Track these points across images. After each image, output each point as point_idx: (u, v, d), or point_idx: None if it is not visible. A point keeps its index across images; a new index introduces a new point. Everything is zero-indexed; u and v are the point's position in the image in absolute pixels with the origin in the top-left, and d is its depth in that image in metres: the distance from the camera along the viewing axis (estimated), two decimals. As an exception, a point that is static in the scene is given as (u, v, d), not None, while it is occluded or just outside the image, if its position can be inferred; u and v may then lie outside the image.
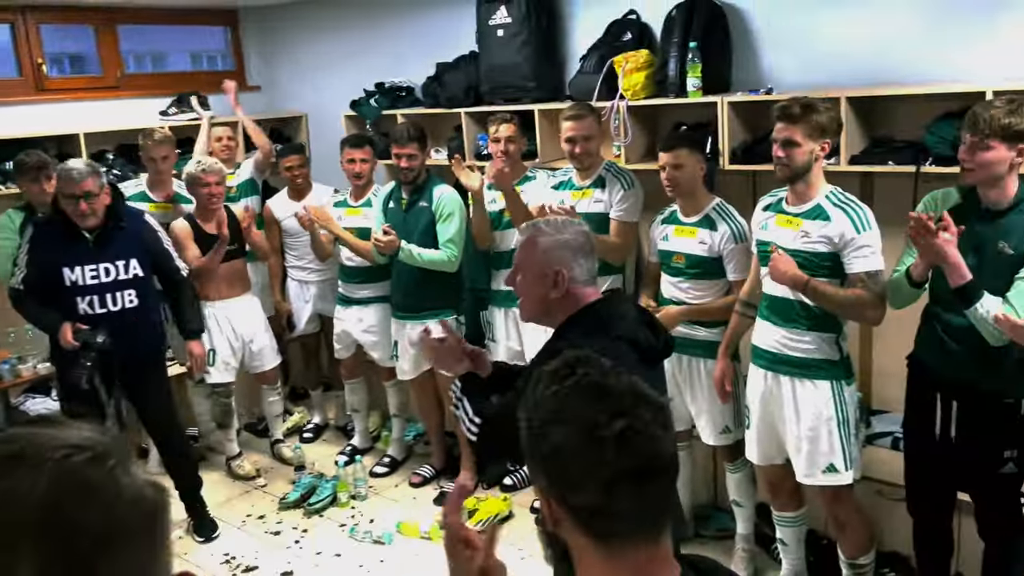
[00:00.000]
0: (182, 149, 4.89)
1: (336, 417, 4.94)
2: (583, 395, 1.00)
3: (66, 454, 0.70)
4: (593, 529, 0.99)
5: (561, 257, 1.91)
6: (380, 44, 4.86)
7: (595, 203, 3.41)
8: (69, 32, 4.98)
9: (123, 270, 3.41)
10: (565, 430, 0.98)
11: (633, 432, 0.97)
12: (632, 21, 3.76)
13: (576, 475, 0.98)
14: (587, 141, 3.34)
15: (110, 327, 3.32)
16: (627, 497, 0.97)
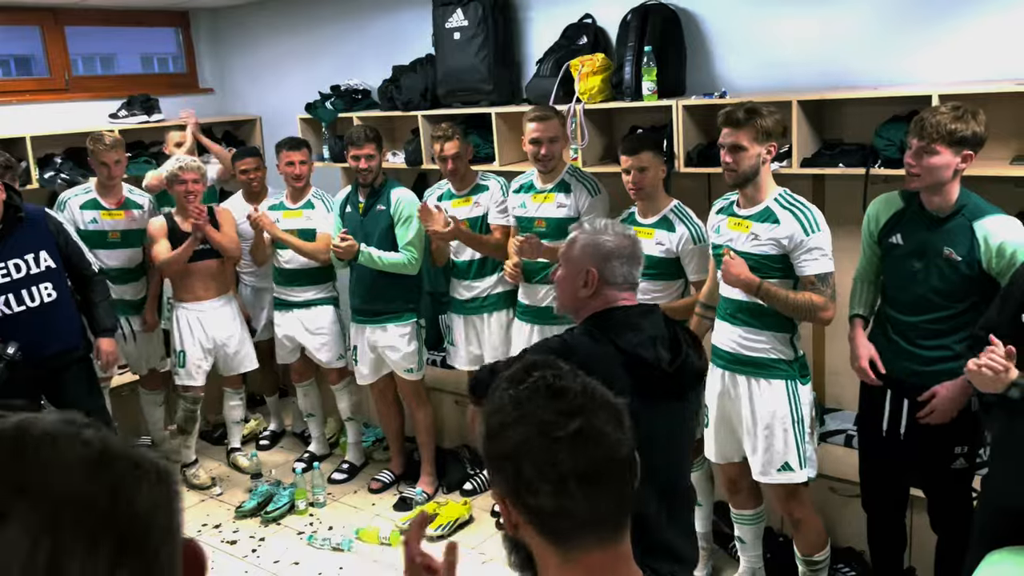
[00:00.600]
0: (132, 153, 4.81)
1: (293, 423, 4.88)
2: (538, 397, 1.00)
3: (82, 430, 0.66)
4: (548, 530, 0.99)
5: (595, 256, 1.95)
6: (335, 46, 4.83)
7: (559, 208, 3.41)
8: (15, 33, 4.85)
9: (34, 264, 3.29)
10: (520, 431, 0.98)
11: (586, 433, 0.97)
12: (588, 25, 3.78)
13: (530, 476, 0.97)
14: (552, 143, 3.34)
15: (30, 324, 3.22)
16: (580, 498, 0.97)
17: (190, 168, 3.97)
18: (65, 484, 0.60)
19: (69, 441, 0.63)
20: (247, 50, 5.30)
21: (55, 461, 0.61)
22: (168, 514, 0.65)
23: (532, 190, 3.51)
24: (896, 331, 2.62)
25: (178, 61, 5.53)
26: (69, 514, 0.59)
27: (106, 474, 0.62)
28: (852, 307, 2.78)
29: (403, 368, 3.95)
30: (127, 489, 0.62)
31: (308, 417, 4.52)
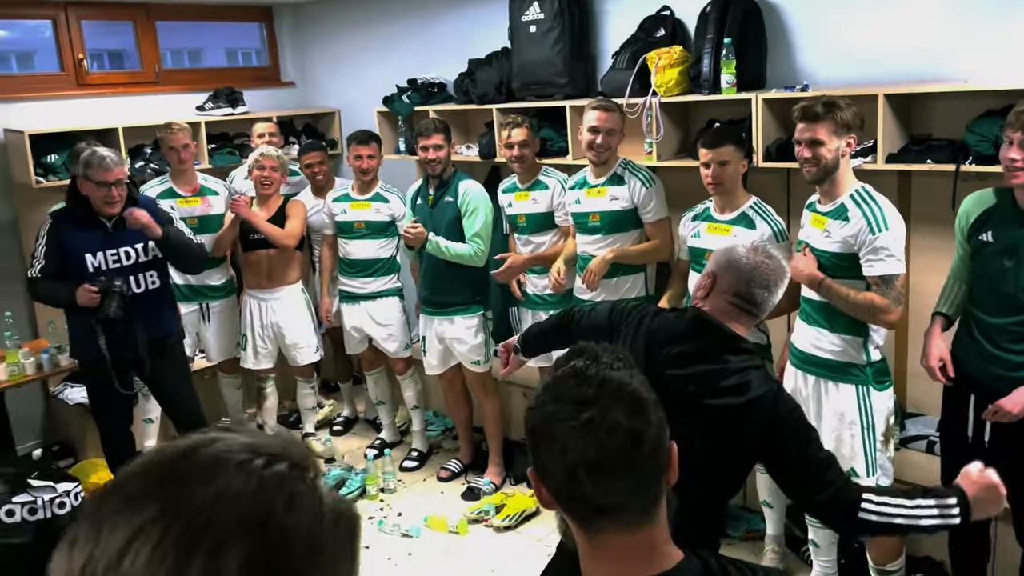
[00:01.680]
0: (216, 144, 4.97)
1: (365, 410, 4.98)
2: (563, 383, 1.03)
3: (268, 461, 0.64)
4: (571, 512, 1.02)
5: (720, 263, 1.97)
6: (413, 40, 4.89)
7: (612, 201, 3.42)
8: (109, 28, 5.06)
9: (142, 252, 3.48)
10: (540, 414, 1.02)
11: (597, 423, 0.97)
12: (666, 17, 3.74)
13: (545, 460, 1.01)
14: (610, 135, 3.35)
15: (135, 308, 3.41)
16: (591, 486, 0.98)
17: (269, 155, 4.14)
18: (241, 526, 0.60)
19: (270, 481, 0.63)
20: (327, 44, 5.41)
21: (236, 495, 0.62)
22: (340, 561, 0.65)
23: (586, 185, 3.51)
24: (981, 333, 2.52)
25: (261, 55, 5.68)
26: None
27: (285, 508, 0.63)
28: (937, 304, 2.69)
29: (470, 360, 3.99)
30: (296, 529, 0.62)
31: (379, 404, 4.61)
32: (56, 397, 4.50)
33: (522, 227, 3.87)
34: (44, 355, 3.95)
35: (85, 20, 4.73)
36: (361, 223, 4.17)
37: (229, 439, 0.66)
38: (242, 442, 0.66)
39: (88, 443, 4.33)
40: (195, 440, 0.66)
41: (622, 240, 3.43)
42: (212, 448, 0.64)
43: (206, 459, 0.64)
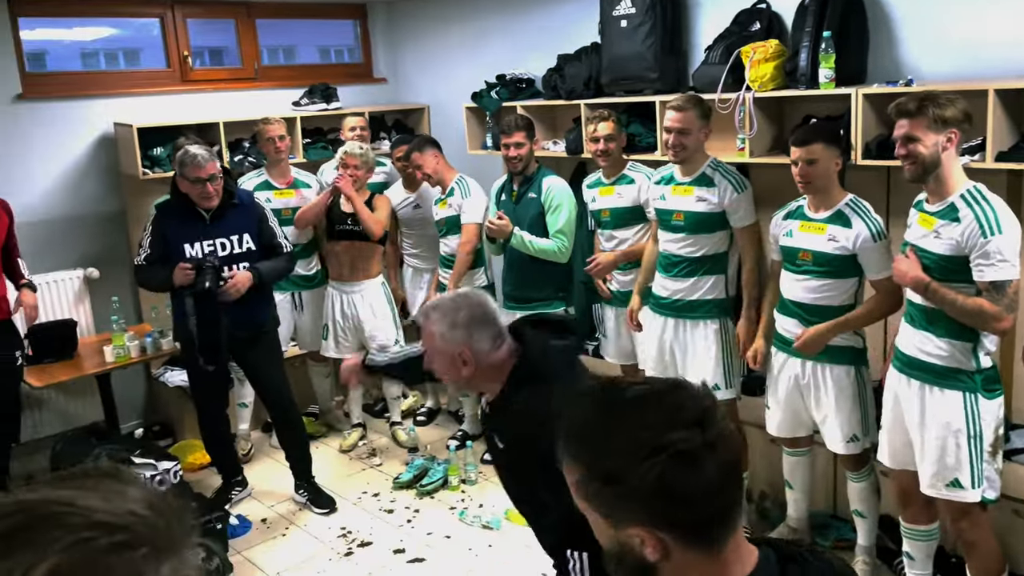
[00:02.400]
0: (311, 139, 5.11)
1: (448, 402, 5.05)
2: (658, 418, 0.98)
3: (88, 537, 0.60)
4: (699, 538, 0.99)
5: (459, 337, 1.94)
6: (503, 36, 4.91)
7: (699, 201, 3.32)
8: (210, 26, 5.26)
9: (237, 244, 3.62)
10: (660, 459, 0.95)
11: (719, 439, 0.98)
12: (762, 11, 3.65)
13: (685, 496, 0.96)
14: (681, 135, 3.25)
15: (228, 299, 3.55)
16: (727, 500, 1.00)
17: (353, 153, 4.24)
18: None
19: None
20: (419, 41, 5.49)
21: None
22: None
23: (672, 182, 3.43)
24: None
25: (353, 52, 5.81)
26: None
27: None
28: None
29: (551, 355, 3.99)
30: None
31: (463, 396, 4.66)
32: (157, 379, 4.71)
33: (605, 222, 3.84)
34: (148, 339, 4.15)
35: (190, 18, 4.93)
36: (443, 220, 4.24)
37: (60, 505, 0.63)
38: (79, 508, 0.63)
39: (186, 424, 4.53)
40: (25, 502, 0.63)
41: (704, 241, 3.34)
42: (21, 519, 0.62)
43: (14, 528, 0.61)
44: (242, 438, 4.52)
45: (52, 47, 4.80)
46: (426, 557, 3.54)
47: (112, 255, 4.70)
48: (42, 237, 4.42)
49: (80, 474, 0.70)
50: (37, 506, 0.63)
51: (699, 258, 3.36)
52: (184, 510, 0.69)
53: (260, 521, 3.90)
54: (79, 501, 0.64)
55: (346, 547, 3.65)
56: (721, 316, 3.41)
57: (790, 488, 3.36)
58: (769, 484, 3.61)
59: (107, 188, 4.70)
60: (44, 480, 0.70)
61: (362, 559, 3.56)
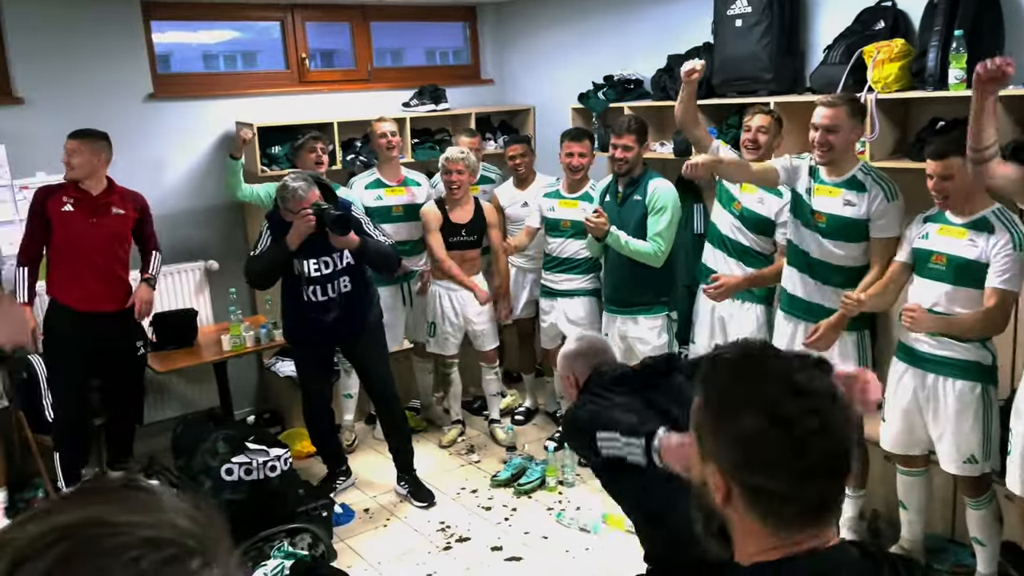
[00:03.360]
0: (419, 139, 5.21)
1: (546, 403, 5.06)
2: (778, 388, 1.03)
3: (138, 556, 0.59)
4: (769, 511, 1.04)
5: (571, 362, 2.53)
6: (611, 37, 4.88)
7: (846, 205, 3.14)
8: (324, 29, 5.43)
9: (339, 260, 3.73)
10: (759, 420, 1.02)
11: (826, 429, 1.01)
12: (887, 8, 3.50)
13: (767, 463, 1.02)
14: (829, 132, 3.08)
15: (328, 310, 3.71)
16: (814, 488, 1.02)
17: (455, 159, 4.29)
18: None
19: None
20: (526, 42, 5.52)
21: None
22: None
23: (818, 179, 3.24)
24: None
25: (460, 54, 5.89)
26: None
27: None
28: None
29: (652, 361, 3.94)
30: None
31: (562, 399, 4.65)
32: (268, 369, 4.90)
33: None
34: (262, 329, 4.32)
35: (309, 22, 5.10)
36: (567, 222, 4.22)
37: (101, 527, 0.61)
38: (123, 528, 0.61)
39: (295, 413, 4.69)
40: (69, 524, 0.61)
41: (844, 248, 3.17)
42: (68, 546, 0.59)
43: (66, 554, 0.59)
44: (346, 429, 4.65)
45: (176, 49, 5.06)
46: (523, 556, 3.56)
47: (230, 248, 4.92)
48: (166, 230, 4.66)
49: (103, 489, 0.67)
50: (78, 529, 0.61)
51: (834, 267, 3.21)
52: (217, 515, 0.67)
53: (363, 511, 4.01)
54: (119, 518, 0.62)
55: (444, 541, 3.70)
56: (860, 328, 3.25)
57: (904, 509, 3.21)
58: (884, 503, 3.46)
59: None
60: (66, 497, 0.66)
61: (460, 554, 3.60)
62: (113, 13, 4.44)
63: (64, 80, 4.32)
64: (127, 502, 0.64)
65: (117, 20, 4.46)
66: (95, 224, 3.75)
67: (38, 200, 3.75)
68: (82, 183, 3.74)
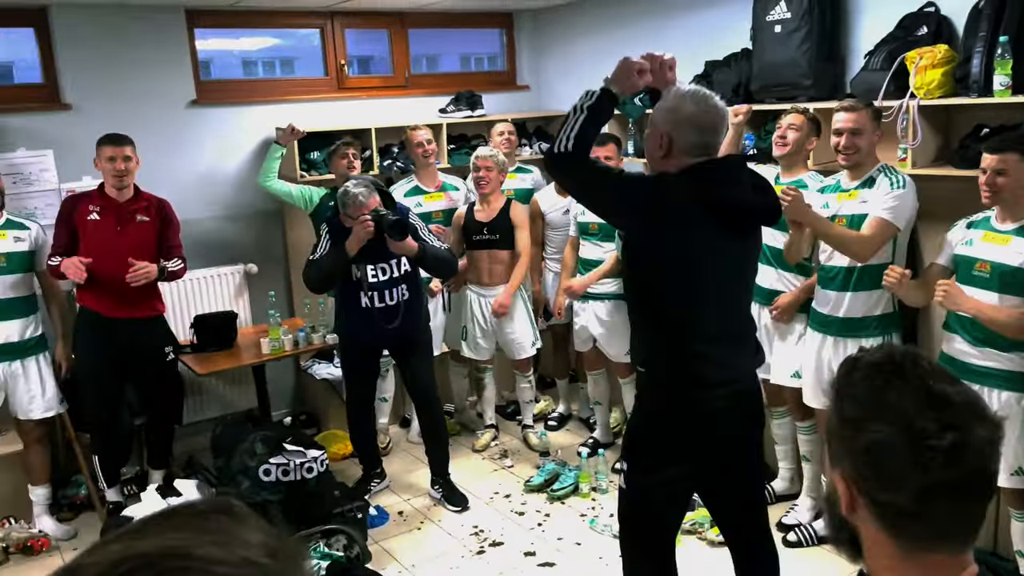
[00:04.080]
0: (455, 145, 5.25)
1: (579, 409, 5.05)
2: (915, 398, 0.97)
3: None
4: (895, 527, 0.99)
5: (669, 122, 2.30)
6: (648, 43, 4.80)
7: (861, 203, 3.21)
8: (362, 36, 5.50)
9: (396, 268, 3.79)
10: (889, 430, 0.97)
11: (963, 447, 0.94)
12: (930, 14, 3.45)
13: (892, 476, 0.97)
14: (854, 135, 3.15)
15: (389, 316, 3.76)
16: (942, 507, 0.96)
17: (483, 155, 4.34)
18: None
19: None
20: (563, 48, 5.53)
21: None
22: None
23: (838, 190, 3.33)
24: None
25: (495, 60, 5.92)
26: None
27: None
28: None
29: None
30: None
31: (595, 405, 4.65)
32: (306, 372, 4.96)
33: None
34: (300, 333, 4.37)
35: (348, 28, 5.17)
36: (595, 224, 4.23)
37: (204, 567, 0.60)
38: (215, 555, 0.60)
39: (331, 415, 4.75)
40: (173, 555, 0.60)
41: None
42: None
43: None
44: (381, 432, 4.69)
45: (216, 56, 5.15)
46: (556, 562, 3.56)
47: (269, 252, 4.99)
48: (208, 234, 4.76)
49: (192, 512, 0.66)
50: (157, 560, 0.60)
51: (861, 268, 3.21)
52: (302, 553, 0.65)
53: (397, 513, 4.04)
54: (198, 551, 0.61)
55: (478, 545, 3.72)
56: (887, 333, 3.25)
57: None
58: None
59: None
60: (151, 520, 0.66)
61: (493, 558, 3.61)
62: (159, 22, 4.54)
63: (111, 87, 4.42)
64: (210, 531, 0.63)
65: (162, 29, 4.56)
66: (121, 232, 3.77)
67: (66, 209, 3.81)
68: (108, 190, 3.79)
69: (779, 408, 3.79)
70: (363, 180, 3.75)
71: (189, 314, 4.54)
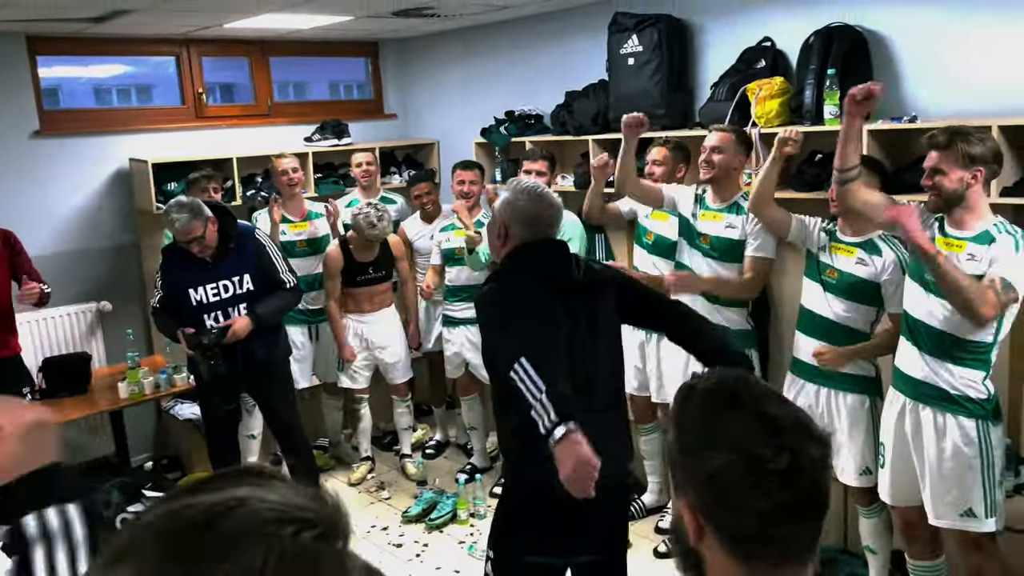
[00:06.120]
0: (322, 174, 5.18)
1: (457, 435, 5.05)
2: (750, 424, 1.00)
3: (296, 529, 0.60)
4: (740, 551, 1.00)
5: (507, 213, 2.32)
6: (511, 73, 4.99)
7: (727, 228, 3.39)
8: (223, 63, 5.36)
9: (238, 286, 3.68)
10: (728, 457, 0.98)
11: (798, 468, 0.97)
12: (767, 48, 3.71)
13: (734, 501, 0.98)
14: (715, 152, 3.33)
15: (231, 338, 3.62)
16: (785, 528, 0.98)
17: (375, 235, 4.27)
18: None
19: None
20: (429, 78, 5.58)
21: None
22: None
23: (703, 203, 3.49)
24: None
25: (364, 88, 5.91)
26: None
27: None
28: None
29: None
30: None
31: (471, 430, 4.66)
32: (168, 412, 4.74)
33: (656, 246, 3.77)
34: (162, 375, 4.18)
35: (205, 56, 5.03)
36: (461, 249, 4.26)
37: (255, 503, 0.61)
38: (270, 505, 0.61)
39: (195, 457, 4.54)
40: (219, 502, 0.61)
41: (728, 268, 3.39)
42: (235, 516, 0.60)
43: (227, 530, 0.59)
44: (251, 471, 4.52)
45: (65, 83, 4.90)
46: (435, 592, 3.53)
47: (125, 288, 4.76)
48: (57, 270, 4.47)
49: (220, 477, 0.67)
50: (232, 505, 0.61)
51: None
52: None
53: (269, 555, 3.89)
54: (268, 496, 0.62)
55: (355, 581, 3.63)
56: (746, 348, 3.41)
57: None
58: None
59: (121, 222, 4.77)
60: (205, 483, 0.66)
61: (371, 594, 3.54)
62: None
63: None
64: (265, 484, 0.65)
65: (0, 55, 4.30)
66: None
67: None
68: None
69: (646, 425, 3.92)
70: (190, 202, 3.55)
71: (37, 357, 4.25)
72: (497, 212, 2.35)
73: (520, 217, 2.30)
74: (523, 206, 2.30)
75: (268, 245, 3.82)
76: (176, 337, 3.61)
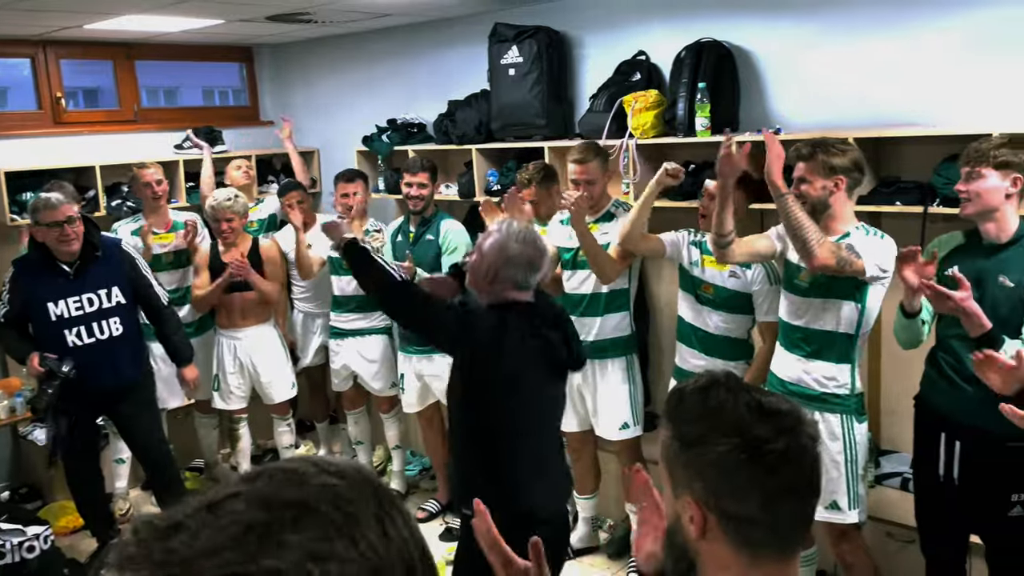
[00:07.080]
0: (195, 182, 4.97)
1: (342, 450, 4.93)
2: (747, 410, 1.04)
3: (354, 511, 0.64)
4: (743, 537, 1.04)
5: (499, 255, 2.40)
6: (393, 81, 4.94)
7: (602, 235, 3.45)
8: (85, 67, 5.07)
9: (106, 299, 3.47)
10: (732, 442, 1.02)
11: (797, 449, 1.03)
12: (641, 62, 3.82)
13: (741, 485, 1.02)
14: (590, 185, 3.39)
15: (97, 356, 3.40)
16: (786, 511, 1.03)
17: (223, 208, 4.06)
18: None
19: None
20: (308, 84, 5.45)
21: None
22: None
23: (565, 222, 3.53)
24: (950, 367, 2.57)
25: (239, 94, 5.71)
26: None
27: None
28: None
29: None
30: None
31: (357, 445, 4.57)
32: (25, 438, 4.41)
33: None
34: (18, 398, 3.91)
35: (64, 59, 4.73)
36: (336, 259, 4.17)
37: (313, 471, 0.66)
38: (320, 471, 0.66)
39: (56, 486, 4.24)
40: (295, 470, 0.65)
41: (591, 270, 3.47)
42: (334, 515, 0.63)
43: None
44: (119, 497, 4.27)
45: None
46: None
47: (-26, 306, 4.39)
48: None
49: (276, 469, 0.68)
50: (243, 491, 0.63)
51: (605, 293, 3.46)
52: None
53: (140, 585, 3.68)
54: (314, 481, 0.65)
55: (235, 608, 3.48)
56: (628, 353, 3.50)
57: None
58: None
59: (-30, 235, 4.41)
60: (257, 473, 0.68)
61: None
62: None
63: None
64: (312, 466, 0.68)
65: None
66: None
67: None
68: None
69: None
70: (66, 193, 3.45)
71: None
72: (487, 253, 2.40)
73: (511, 262, 2.38)
74: (516, 251, 2.38)
75: (137, 257, 3.65)
76: (24, 359, 3.35)
